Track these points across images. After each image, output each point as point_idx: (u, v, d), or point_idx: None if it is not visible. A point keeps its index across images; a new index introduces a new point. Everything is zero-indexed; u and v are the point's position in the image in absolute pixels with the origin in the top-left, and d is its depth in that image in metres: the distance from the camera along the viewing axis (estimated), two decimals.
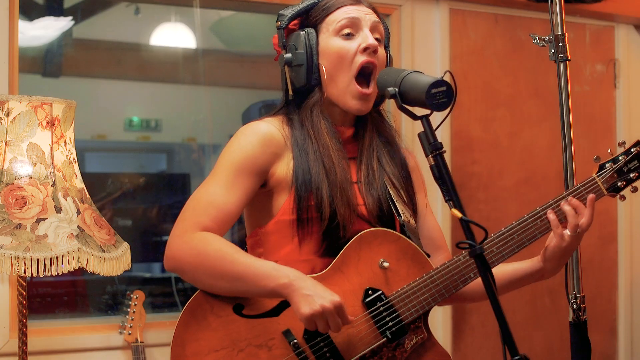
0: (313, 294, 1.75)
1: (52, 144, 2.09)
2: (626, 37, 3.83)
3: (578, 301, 2.23)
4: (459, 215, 1.59)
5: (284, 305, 1.85)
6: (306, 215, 1.89)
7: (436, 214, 3.29)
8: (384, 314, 1.86)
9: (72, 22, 4.49)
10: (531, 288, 3.59)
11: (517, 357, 1.53)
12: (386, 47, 2.03)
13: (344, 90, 1.94)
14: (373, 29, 1.97)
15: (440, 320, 3.39)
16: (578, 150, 2.29)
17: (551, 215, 1.90)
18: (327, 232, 1.89)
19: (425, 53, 3.44)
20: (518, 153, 3.62)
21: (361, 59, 1.93)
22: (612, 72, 3.82)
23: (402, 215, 1.96)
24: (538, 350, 3.58)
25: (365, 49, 1.93)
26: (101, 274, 2.09)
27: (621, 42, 3.82)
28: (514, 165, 3.61)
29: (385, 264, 1.89)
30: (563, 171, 2.26)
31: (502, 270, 1.99)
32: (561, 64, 2.28)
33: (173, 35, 4.81)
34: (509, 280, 2.01)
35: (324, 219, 1.88)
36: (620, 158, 1.97)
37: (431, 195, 2.15)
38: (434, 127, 1.68)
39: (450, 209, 1.60)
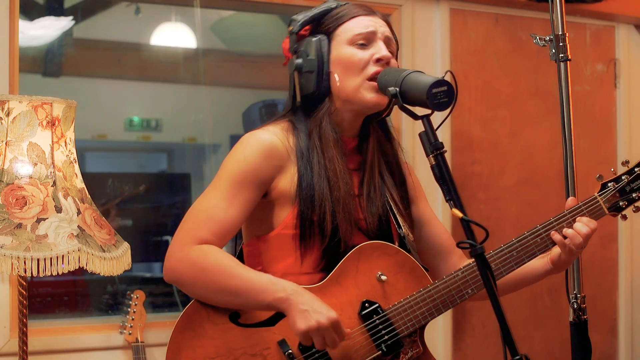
0: (309, 309, 1.75)
1: (53, 144, 2.09)
2: (626, 37, 3.83)
3: (578, 301, 2.23)
4: (460, 215, 1.59)
5: (280, 315, 1.84)
6: (308, 230, 1.88)
7: (436, 214, 3.26)
8: (380, 327, 1.86)
9: (73, 22, 4.49)
10: (531, 288, 3.60)
11: (517, 357, 1.53)
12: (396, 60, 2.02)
13: (357, 88, 1.91)
14: (387, 43, 1.95)
15: (440, 320, 3.39)
16: (578, 150, 2.29)
17: (557, 236, 1.91)
18: (327, 248, 1.88)
19: (426, 53, 3.43)
20: (518, 153, 3.62)
21: (373, 69, 1.90)
22: (612, 72, 3.82)
23: (402, 228, 1.96)
24: (538, 350, 3.58)
25: (378, 60, 1.91)
26: (101, 274, 2.08)
27: (621, 41, 3.82)
28: (514, 165, 3.61)
29: (383, 277, 1.88)
30: (563, 171, 2.27)
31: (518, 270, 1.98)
32: (561, 64, 2.28)
33: (173, 35, 4.81)
34: (524, 278, 2.02)
35: (325, 235, 1.87)
36: (623, 177, 1.96)
37: (431, 196, 2.16)
38: (435, 127, 1.68)
39: (451, 208, 1.60)
